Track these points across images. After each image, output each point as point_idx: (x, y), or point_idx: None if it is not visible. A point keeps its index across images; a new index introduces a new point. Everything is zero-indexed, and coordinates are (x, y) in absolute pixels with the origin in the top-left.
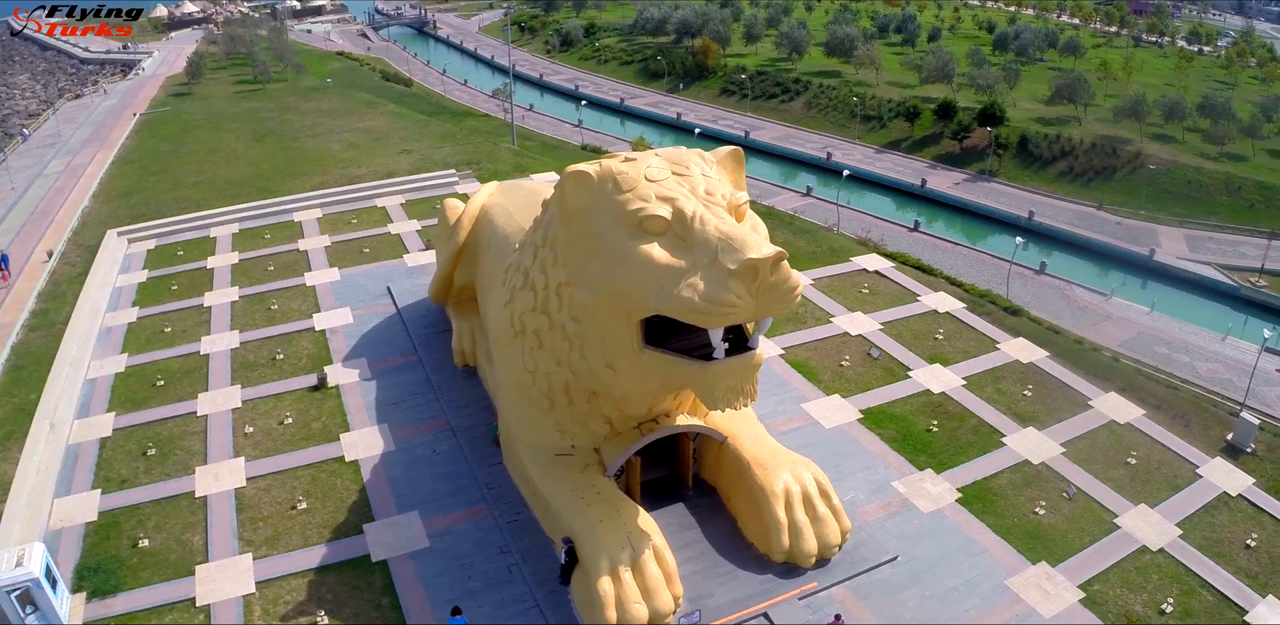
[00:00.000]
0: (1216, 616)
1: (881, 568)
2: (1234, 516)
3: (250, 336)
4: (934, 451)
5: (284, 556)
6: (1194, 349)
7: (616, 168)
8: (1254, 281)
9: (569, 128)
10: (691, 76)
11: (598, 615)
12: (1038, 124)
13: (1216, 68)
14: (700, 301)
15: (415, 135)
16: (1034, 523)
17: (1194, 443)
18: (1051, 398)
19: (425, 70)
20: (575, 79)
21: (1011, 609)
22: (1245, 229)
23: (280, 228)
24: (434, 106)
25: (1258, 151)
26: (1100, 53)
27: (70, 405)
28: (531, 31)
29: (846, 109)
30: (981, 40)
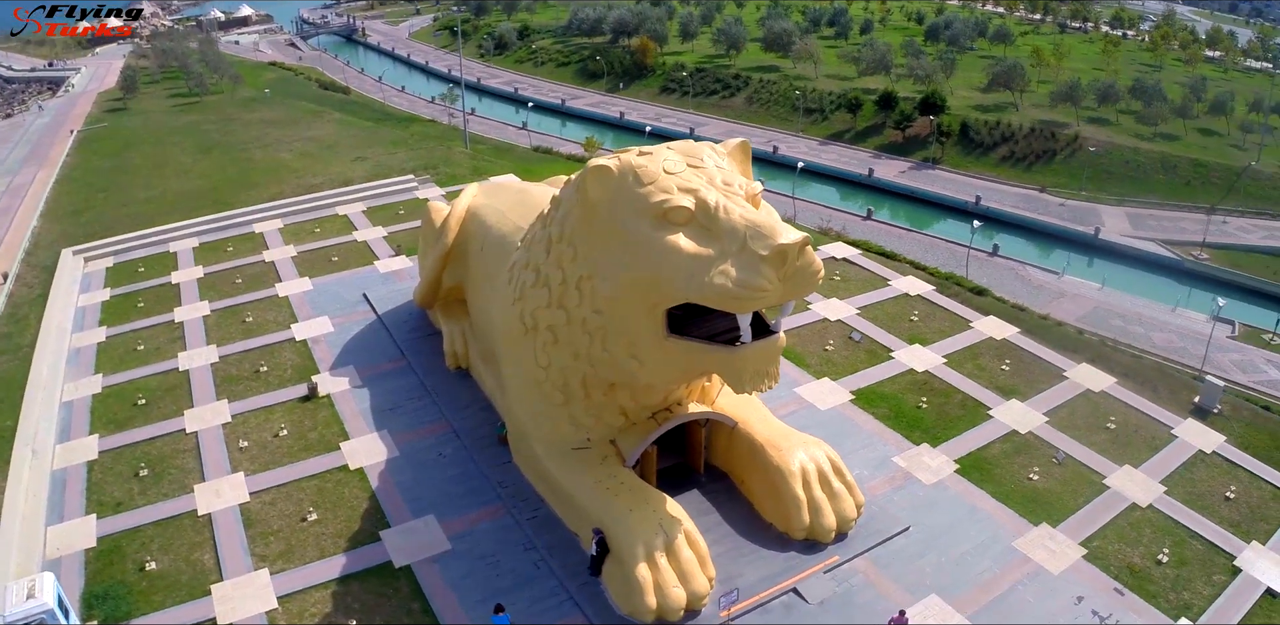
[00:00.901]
0: (1208, 563)
1: (896, 538)
2: (1211, 472)
3: (229, 350)
4: (927, 427)
5: (302, 569)
6: (1147, 321)
7: (635, 161)
8: (1196, 255)
9: (514, 131)
10: (631, 76)
11: (637, 602)
12: (977, 111)
13: (1142, 51)
14: (734, 287)
15: (366, 142)
16: (1030, 488)
17: (1165, 406)
18: (1028, 371)
19: (360, 78)
20: (513, 82)
21: (1022, 568)
22: (1183, 205)
23: (242, 240)
24: (378, 113)
25: (1189, 131)
26: (1029, 40)
27: (49, 430)
28: (464, 36)
29: (788, 103)
30: (912, 31)
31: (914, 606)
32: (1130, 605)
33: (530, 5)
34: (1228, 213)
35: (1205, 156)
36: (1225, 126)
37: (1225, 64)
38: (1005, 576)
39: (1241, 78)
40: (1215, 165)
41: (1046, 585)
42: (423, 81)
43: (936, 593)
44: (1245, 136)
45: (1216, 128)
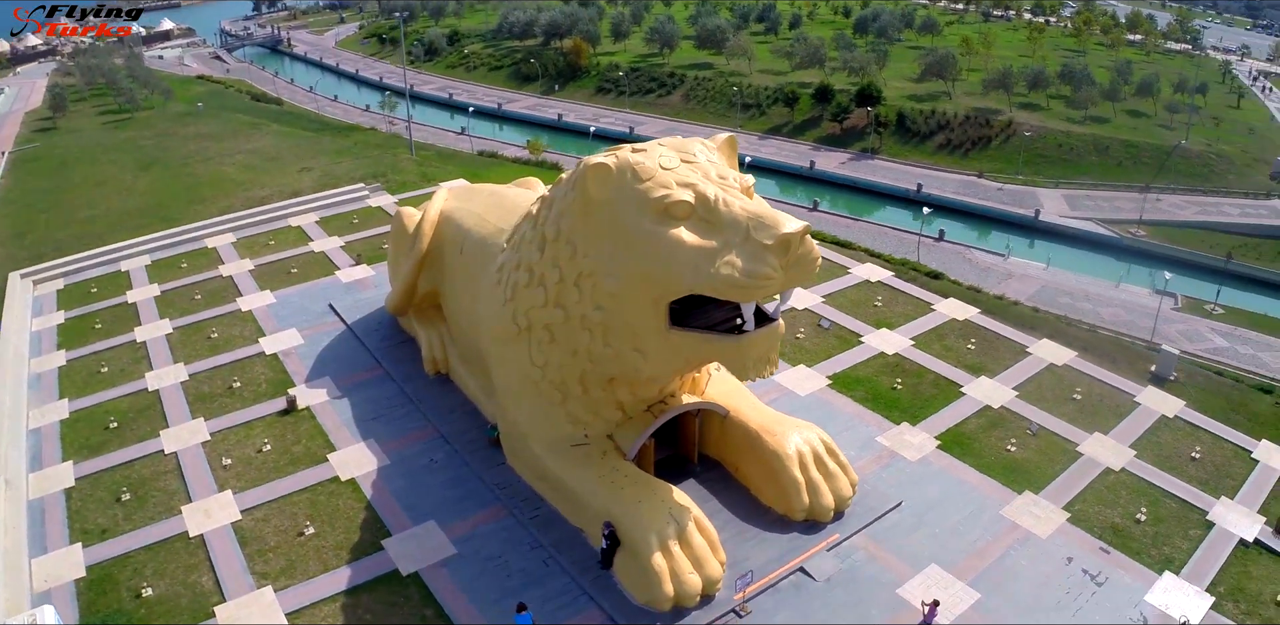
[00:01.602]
0: (1183, 519)
1: (889, 514)
2: (1176, 435)
3: (198, 367)
4: (904, 407)
5: (307, 584)
6: (1094, 297)
7: (633, 158)
8: (1133, 232)
9: (453, 136)
10: (565, 77)
11: (655, 591)
12: (911, 101)
13: (1066, 37)
14: (741, 277)
15: (309, 152)
16: (1009, 458)
17: (1124, 376)
18: (993, 349)
19: (291, 89)
20: (447, 87)
21: (1012, 534)
22: (1117, 185)
23: (195, 255)
24: (316, 123)
25: (1118, 113)
26: (955, 30)
27: (20, 458)
28: (392, 42)
29: (724, 99)
30: (840, 24)
31: (915, 577)
32: (1116, 562)
33: (458, 10)
34: (1160, 191)
35: (1135, 137)
36: (1152, 108)
37: (1147, 47)
38: (997, 543)
39: (1163, 60)
40: (1145, 145)
41: (1037, 549)
42: (354, 90)
43: (935, 563)
44: (1172, 117)
45: (1144, 109)
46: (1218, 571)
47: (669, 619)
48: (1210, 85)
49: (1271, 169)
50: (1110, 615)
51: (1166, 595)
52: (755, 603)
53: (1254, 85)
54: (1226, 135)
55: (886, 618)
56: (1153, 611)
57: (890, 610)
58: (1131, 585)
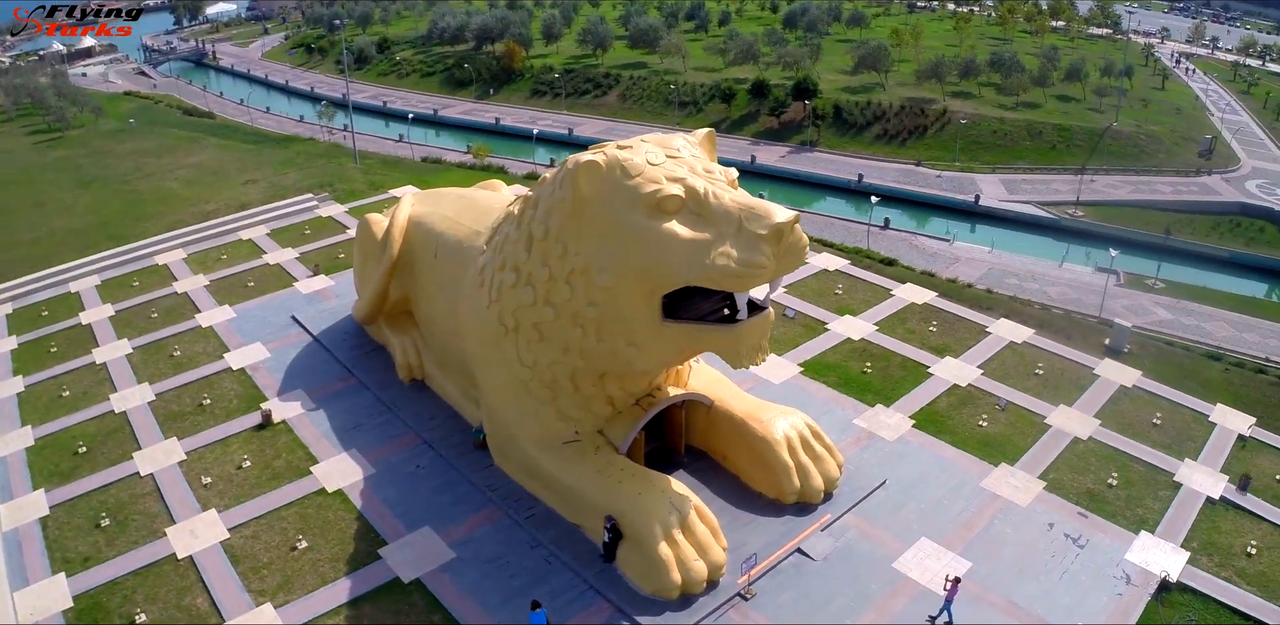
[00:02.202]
0: (1152, 481)
1: (876, 493)
2: (1136, 403)
3: (164, 386)
4: (876, 389)
5: (307, 599)
6: (1039, 276)
7: (621, 155)
8: (1071, 213)
9: (391, 144)
10: (499, 81)
11: (662, 580)
12: (846, 93)
13: (991, 26)
14: (737, 266)
15: (252, 165)
16: (982, 433)
17: (1081, 350)
18: (954, 330)
19: (221, 102)
20: (380, 95)
21: (994, 505)
22: (1052, 168)
23: (147, 273)
24: (254, 135)
25: (1048, 98)
26: (881, 22)
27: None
28: (320, 52)
29: (661, 97)
30: (768, 20)
31: (907, 551)
32: (1095, 525)
33: (385, 17)
34: (1094, 172)
35: (1067, 121)
36: (1081, 92)
37: (1070, 33)
38: (981, 514)
39: (1086, 44)
40: (1077, 129)
41: (1019, 517)
42: (285, 101)
43: (925, 536)
44: (1101, 100)
45: (1073, 94)
46: (1189, 528)
47: (678, 606)
48: (1135, 68)
49: (1200, 147)
50: (1095, 575)
51: (1145, 553)
52: (758, 585)
53: (1177, 67)
54: (1155, 116)
55: (886, 591)
56: (1134, 569)
57: (889, 583)
58: (1111, 546)
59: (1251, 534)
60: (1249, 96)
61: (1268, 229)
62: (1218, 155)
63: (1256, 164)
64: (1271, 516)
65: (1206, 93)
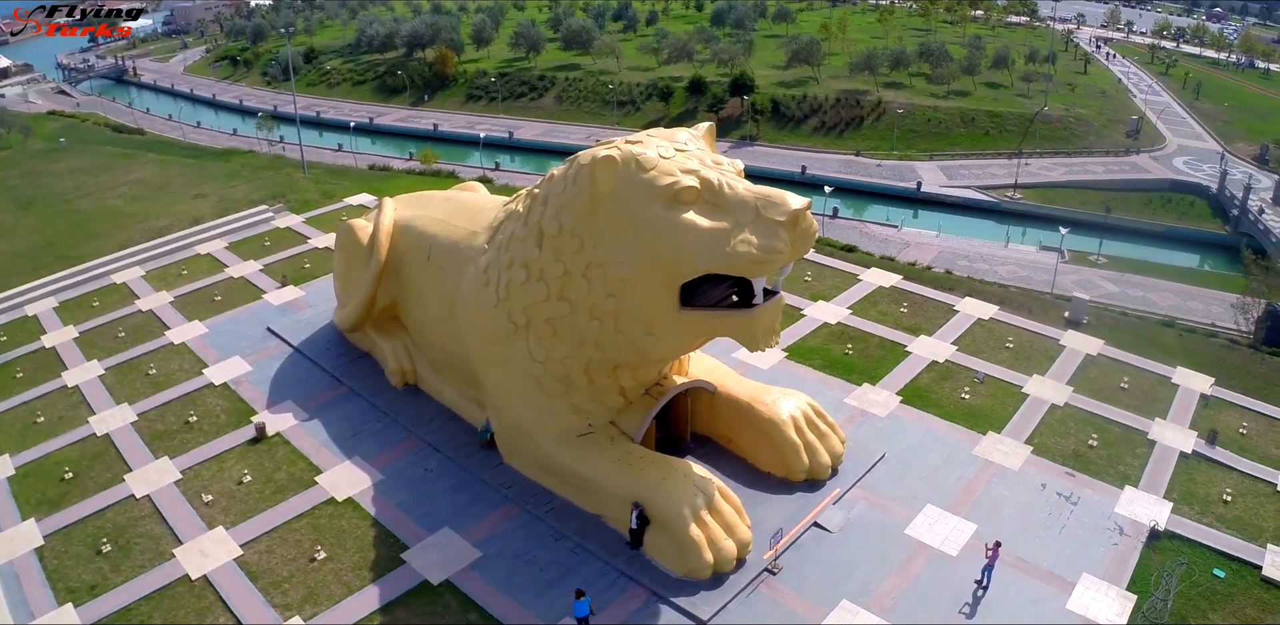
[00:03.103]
0: (1129, 441)
1: (877, 466)
2: (1103, 369)
3: (145, 406)
4: (860, 369)
5: (336, 609)
6: (988, 257)
7: (634, 150)
8: (1010, 196)
9: (330, 153)
10: (433, 87)
11: (694, 560)
12: (782, 88)
13: (913, 17)
14: (758, 252)
15: (198, 179)
16: (966, 405)
17: (1044, 323)
18: (924, 310)
19: (149, 118)
20: (312, 106)
21: (988, 470)
22: (987, 153)
23: (106, 292)
24: (192, 150)
25: (978, 86)
26: (806, 17)
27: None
28: (245, 64)
29: (598, 98)
30: (693, 18)
31: (916, 518)
32: (1083, 483)
33: (310, 27)
34: (1029, 156)
35: (997, 107)
36: (1008, 79)
37: (990, 22)
38: (978, 479)
39: (1006, 33)
40: (1008, 114)
41: (1012, 480)
42: (213, 115)
43: (930, 503)
44: (1029, 86)
45: (1000, 80)
46: (1169, 481)
47: (710, 585)
48: (1057, 54)
49: (1127, 128)
50: (1090, 528)
51: (1132, 506)
52: (781, 560)
53: (1097, 52)
54: (1082, 100)
55: (903, 556)
56: (1125, 521)
57: (905, 549)
58: (1101, 501)
59: (1225, 483)
60: (1168, 78)
61: (1197, 203)
62: (1144, 135)
63: (1181, 142)
64: (1240, 466)
65: (1127, 76)
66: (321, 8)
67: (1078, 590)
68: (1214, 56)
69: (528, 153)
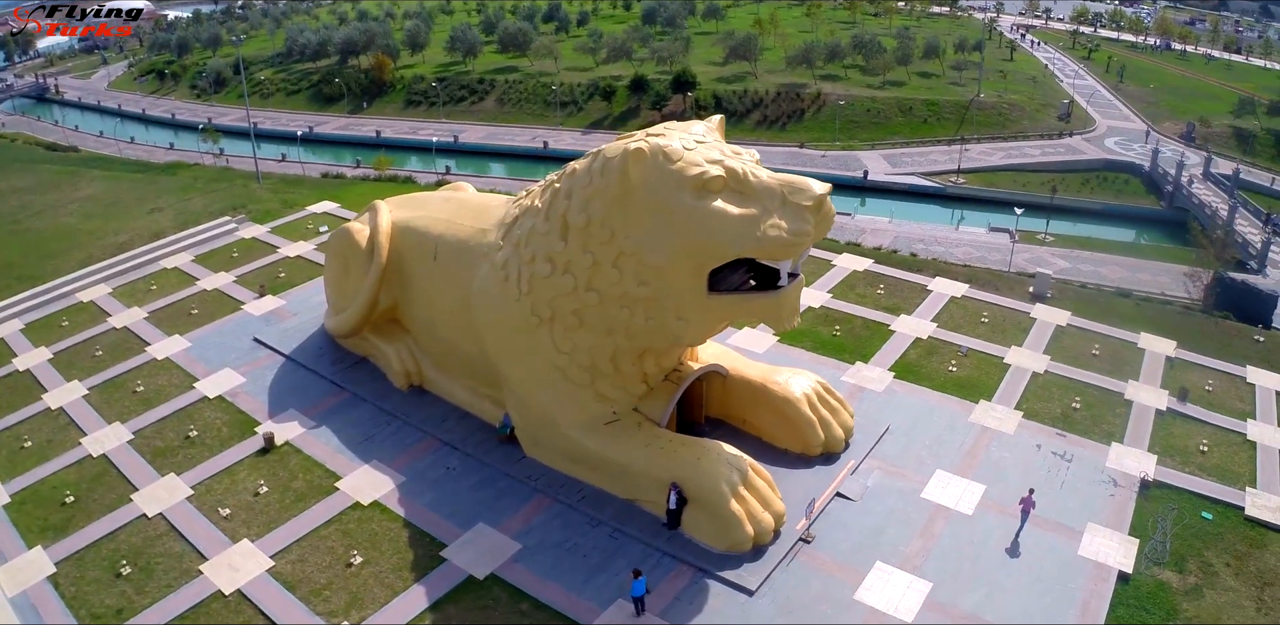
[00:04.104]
0: (1107, 402)
1: (884, 438)
2: (1074, 339)
3: (140, 424)
4: (850, 349)
5: (384, 611)
6: (942, 240)
7: (660, 142)
8: (954, 181)
9: (275, 163)
10: (371, 94)
11: (736, 534)
12: (722, 83)
13: (837, 10)
14: (788, 236)
15: (149, 193)
16: (955, 377)
17: (1012, 298)
18: (899, 291)
19: (79, 135)
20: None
21: (986, 436)
22: (927, 140)
23: (74, 311)
24: (135, 165)
25: (911, 76)
26: (733, 13)
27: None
28: (174, 78)
29: (539, 99)
30: (621, 18)
31: (929, 482)
32: (1074, 443)
33: (236, 39)
34: (967, 142)
35: (933, 96)
36: (939, 68)
37: (914, 13)
38: (979, 445)
39: (929, 23)
40: (944, 102)
41: (1010, 443)
42: (144, 130)
43: (939, 468)
44: (960, 74)
45: (932, 70)
46: (1150, 436)
47: (751, 558)
48: (984, 43)
49: (1058, 112)
50: (1087, 482)
51: (1121, 460)
52: (813, 528)
53: (1022, 40)
54: (1013, 86)
55: (924, 518)
56: (1117, 473)
57: (924, 512)
58: (1092, 457)
59: (1200, 435)
60: (1091, 62)
61: (1132, 181)
62: (1075, 118)
63: (1111, 123)
64: (1211, 420)
65: (1052, 62)
66: (245, 18)
67: (1086, 538)
68: (1131, 40)
69: (475, 156)
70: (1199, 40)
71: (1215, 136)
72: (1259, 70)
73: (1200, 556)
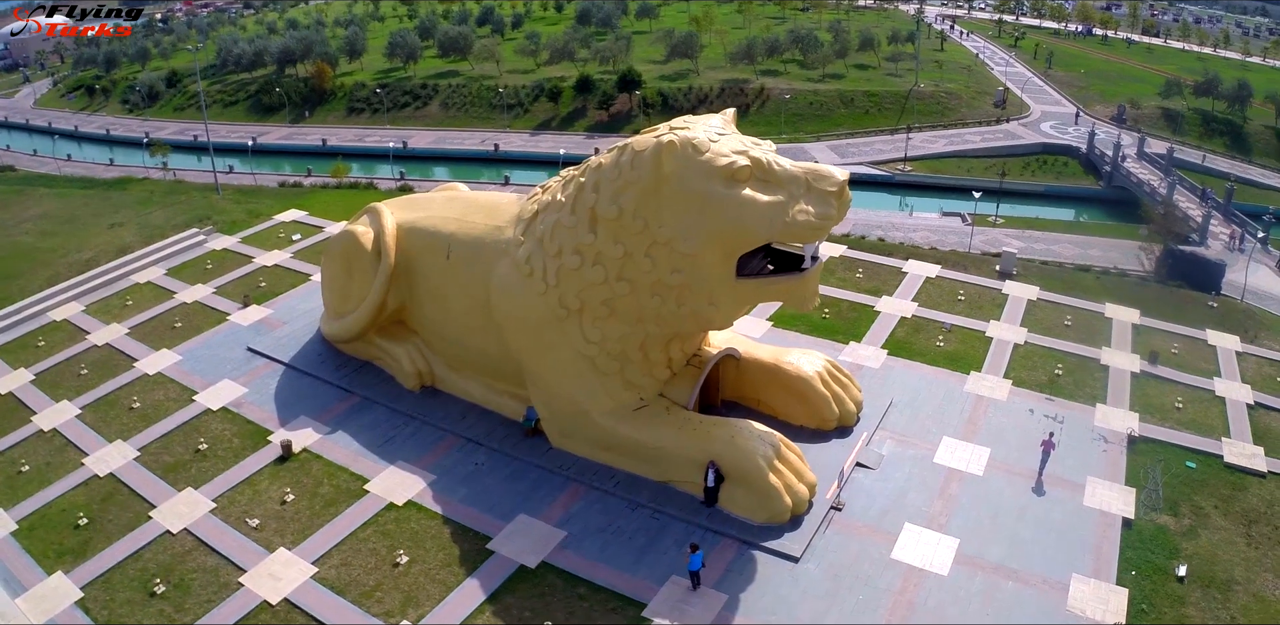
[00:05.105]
0: (1085, 367)
1: (890, 410)
2: (1046, 312)
3: (143, 440)
4: (841, 330)
5: (442, 607)
6: (899, 226)
7: (687, 135)
8: (901, 168)
9: (222, 175)
10: (311, 102)
11: (775, 505)
12: (665, 81)
13: (764, 6)
14: (816, 220)
15: (106, 209)
16: (944, 351)
17: (983, 276)
18: (877, 274)
19: (12, 155)
20: (185, 130)
21: (982, 403)
22: (870, 130)
23: (49, 331)
24: (82, 181)
25: (848, 69)
26: (665, 11)
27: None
28: (104, 93)
29: (484, 102)
30: (553, 19)
31: (939, 449)
32: (1062, 406)
33: (165, 52)
34: (909, 130)
35: (872, 87)
36: (875, 60)
37: (842, 7)
38: (977, 411)
39: (857, 16)
40: (883, 93)
41: (1004, 408)
42: (77, 147)
43: (945, 435)
44: (896, 65)
45: (868, 62)
46: (1129, 396)
47: (790, 528)
48: (915, 34)
49: (994, 99)
50: (1080, 440)
51: (1107, 419)
52: (841, 496)
53: (950, 30)
54: (949, 75)
55: (940, 480)
56: (1106, 431)
57: (939, 475)
58: (1081, 417)
59: (1174, 394)
60: (1019, 50)
61: (1070, 163)
62: (1011, 104)
63: (1044, 108)
64: (1182, 379)
65: (982, 51)
66: (171, 30)
67: (1088, 490)
68: (1054, 27)
69: (427, 161)
70: (1119, 25)
71: (1145, 118)
72: (1178, 52)
73: (1191, 501)
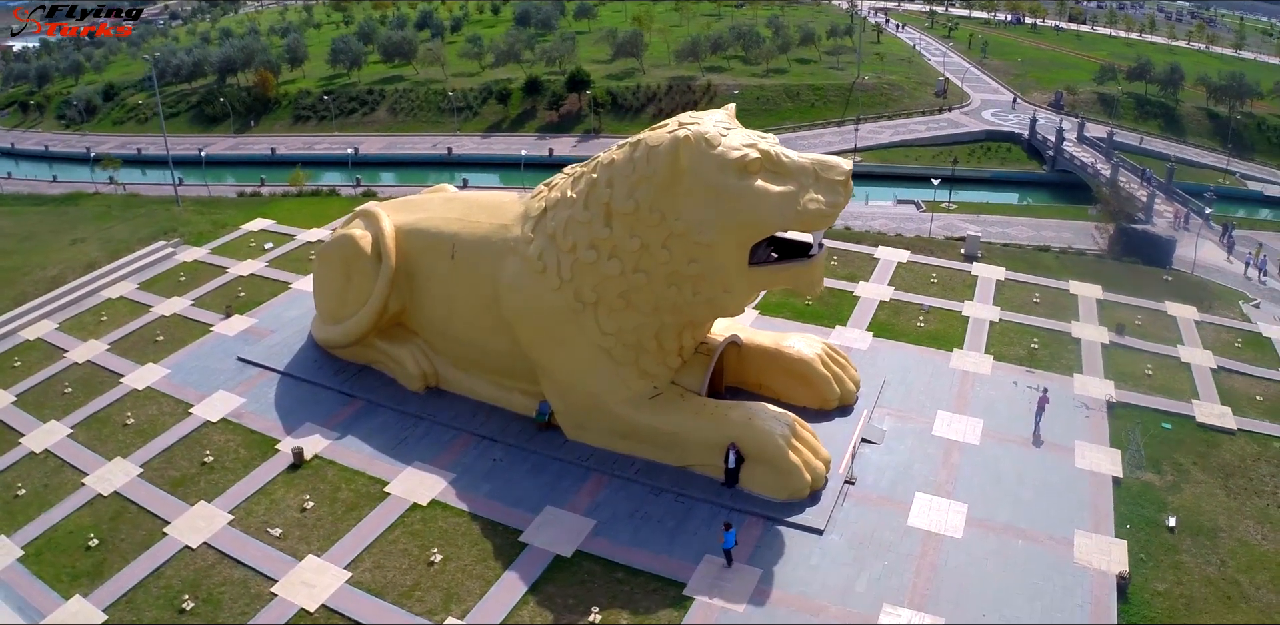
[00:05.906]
0: (1059, 340)
1: (884, 388)
2: (1015, 291)
3: (143, 456)
4: (826, 315)
5: (486, 601)
6: (858, 215)
7: (698, 129)
8: (853, 159)
9: (171, 188)
10: (256, 112)
11: (795, 482)
12: (612, 80)
13: (703, 4)
14: (826, 208)
15: (63, 225)
16: (926, 331)
17: (951, 260)
18: (851, 261)
19: None
20: (128, 143)
21: (968, 378)
22: (817, 123)
23: (24, 350)
24: (31, 199)
25: (791, 63)
26: (602, 10)
27: (7, 617)
28: (39, 109)
29: (432, 106)
30: (489, 21)
31: (935, 422)
32: (1043, 377)
33: (99, 65)
34: (856, 122)
35: (816, 81)
36: (815, 54)
37: (776, 4)
38: (965, 386)
39: (792, 12)
40: (827, 86)
41: (990, 381)
42: (14, 164)
43: (939, 409)
44: (837, 59)
45: (809, 56)
46: (1103, 366)
47: (810, 503)
48: (854, 28)
49: (935, 89)
50: (1063, 408)
51: (1085, 388)
52: (853, 471)
53: (886, 23)
54: (889, 67)
55: (941, 453)
56: (1086, 398)
57: (940, 447)
58: (1061, 388)
59: (1144, 362)
60: (953, 40)
61: (1014, 149)
62: (951, 94)
63: (984, 96)
64: (1148, 348)
65: (917, 42)
66: (101, 43)
67: (1077, 452)
68: (984, 17)
69: (379, 166)
70: (1046, 13)
71: (1082, 103)
72: (1105, 39)
73: (1171, 459)
